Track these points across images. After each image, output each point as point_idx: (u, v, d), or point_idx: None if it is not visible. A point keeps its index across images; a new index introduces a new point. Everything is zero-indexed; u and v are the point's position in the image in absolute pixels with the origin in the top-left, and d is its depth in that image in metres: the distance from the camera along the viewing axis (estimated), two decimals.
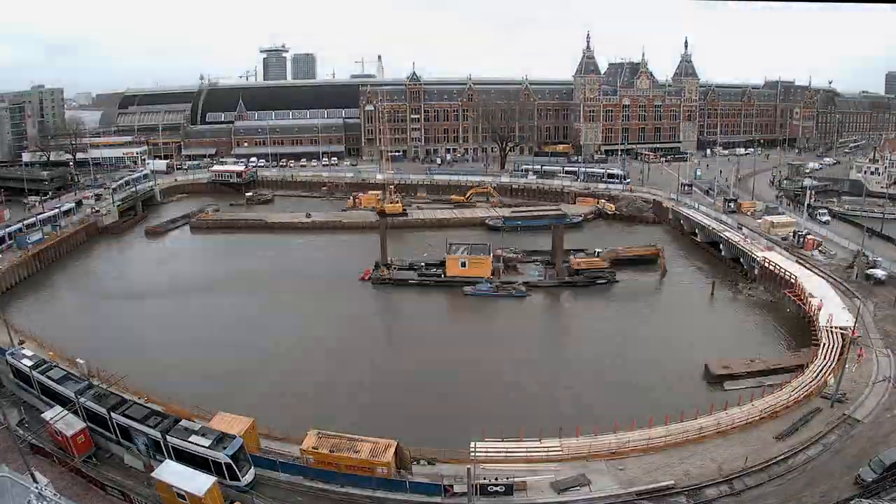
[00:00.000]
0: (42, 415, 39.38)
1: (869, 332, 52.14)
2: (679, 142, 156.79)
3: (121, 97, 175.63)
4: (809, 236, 76.29)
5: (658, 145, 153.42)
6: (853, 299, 58.74)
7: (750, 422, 39.72)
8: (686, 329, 60.43)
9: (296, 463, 36.19)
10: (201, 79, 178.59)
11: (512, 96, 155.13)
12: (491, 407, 45.67)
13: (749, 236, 79.11)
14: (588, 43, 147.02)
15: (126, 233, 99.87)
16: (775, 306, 64.26)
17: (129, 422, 36.38)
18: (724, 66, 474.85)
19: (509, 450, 37.72)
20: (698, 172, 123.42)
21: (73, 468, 35.82)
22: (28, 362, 42.62)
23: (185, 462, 33.88)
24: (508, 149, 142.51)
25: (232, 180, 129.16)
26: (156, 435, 35.14)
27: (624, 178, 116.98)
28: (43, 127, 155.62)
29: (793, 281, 63.43)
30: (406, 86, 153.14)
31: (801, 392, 42.95)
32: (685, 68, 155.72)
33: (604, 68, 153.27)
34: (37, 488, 22.66)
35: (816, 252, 73.25)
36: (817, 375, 45.02)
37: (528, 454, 37.41)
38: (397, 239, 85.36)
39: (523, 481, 34.41)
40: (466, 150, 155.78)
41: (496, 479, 33.87)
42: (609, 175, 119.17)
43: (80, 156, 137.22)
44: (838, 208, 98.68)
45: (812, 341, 52.70)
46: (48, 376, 40.93)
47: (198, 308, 67.36)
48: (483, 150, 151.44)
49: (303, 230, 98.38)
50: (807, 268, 67.84)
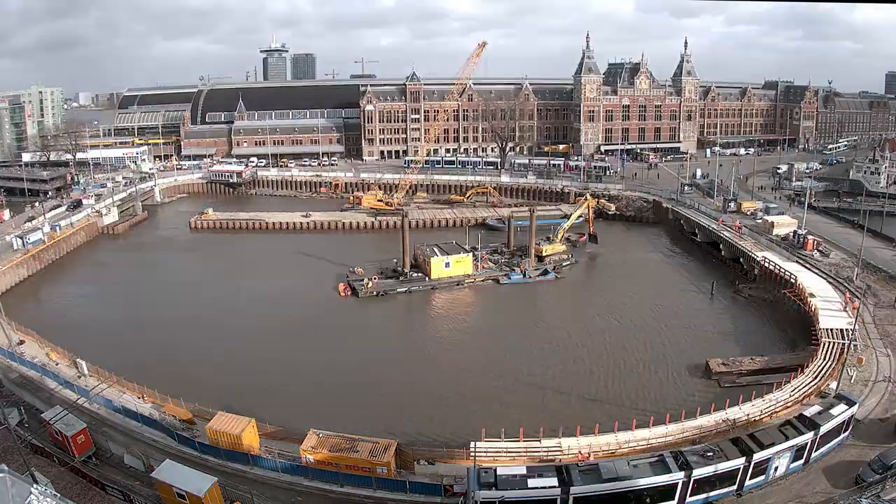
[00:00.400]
0: (42, 415, 39.42)
1: (869, 333, 52.15)
2: (679, 142, 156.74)
3: (121, 97, 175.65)
4: (810, 236, 76.30)
5: (658, 145, 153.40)
6: (853, 299, 58.71)
7: (750, 422, 39.74)
8: (686, 329, 60.42)
9: (296, 463, 36.23)
10: (201, 79, 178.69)
11: (512, 96, 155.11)
12: (491, 407, 45.67)
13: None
14: (588, 43, 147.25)
15: (126, 233, 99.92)
16: (775, 306, 64.29)
17: None
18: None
19: (509, 450, 37.75)
20: (698, 172, 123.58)
21: (73, 468, 35.83)
22: None
23: None
24: (509, 149, 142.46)
25: (231, 180, 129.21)
26: None
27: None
28: (43, 127, 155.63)
29: (793, 281, 63.50)
30: (405, 85, 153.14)
31: (801, 392, 43.01)
32: (685, 68, 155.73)
33: (604, 68, 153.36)
34: (37, 488, 22.59)
35: (817, 252, 73.21)
36: (817, 376, 45.07)
37: (528, 454, 37.44)
38: (390, 240, 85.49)
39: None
40: (466, 151, 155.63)
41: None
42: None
43: (80, 156, 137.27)
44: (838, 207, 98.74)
45: (812, 341, 52.74)
46: None
47: (198, 308, 67.32)
48: (483, 150, 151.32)
49: (303, 230, 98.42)
50: (806, 268, 67.88)
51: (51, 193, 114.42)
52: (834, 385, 43.30)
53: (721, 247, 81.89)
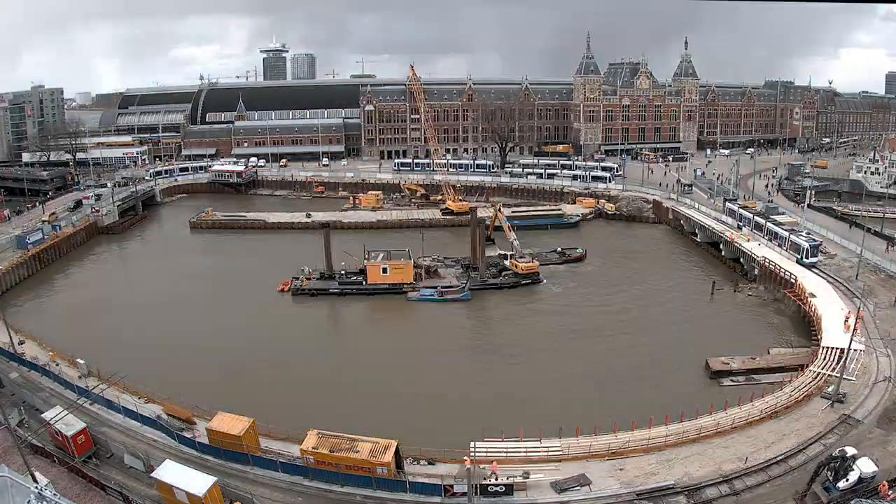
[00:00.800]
0: (42, 415, 39.41)
1: (869, 333, 52.13)
2: (679, 142, 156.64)
3: (121, 97, 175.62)
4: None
5: (658, 145, 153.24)
6: (853, 299, 58.72)
7: (750, 422, 39.74)
8: (686, 329, 60.43)
9: (296, 463, 36.22)
10: (201, 79, 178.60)
11: (512, 96, 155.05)
12: (491, 407, 45.63)
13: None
14: (588, 43, 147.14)
15: (126, 233, 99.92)
16: (775, 306, 64.26)
17: None
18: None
19: (509, 450, 37.74)
20: (699, 172, 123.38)
21: (73, 468, 35.83)
22: None
23: None
24: (509, 149, 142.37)
25: (231, 180, 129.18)
26: None
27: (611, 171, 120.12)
28: (43, 127, 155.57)
29: (793, 280, 63.46)
30: (406, 85, 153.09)
31: (801, 392, 43.00)
32: (685, 68, 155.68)
33: (604, 68, 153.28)
34: (37, 488, 22.59)
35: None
36: (817, 375, 45.05)
37: (528, 454, 37.44)
38: (390, 240, 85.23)
39: (524, 481, 34.43)
40: (466, 150, 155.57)
41: (496, 479, 33.88)
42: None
43: (80, 156, 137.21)
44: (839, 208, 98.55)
45: (812, 341, 52.71)
46: None
47: (197, 308, 67.30)
48: (484, 150, 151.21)
49: (302, 230, 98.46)
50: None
51: (51, 193, 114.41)
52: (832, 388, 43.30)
53: (721, 247, 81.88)
